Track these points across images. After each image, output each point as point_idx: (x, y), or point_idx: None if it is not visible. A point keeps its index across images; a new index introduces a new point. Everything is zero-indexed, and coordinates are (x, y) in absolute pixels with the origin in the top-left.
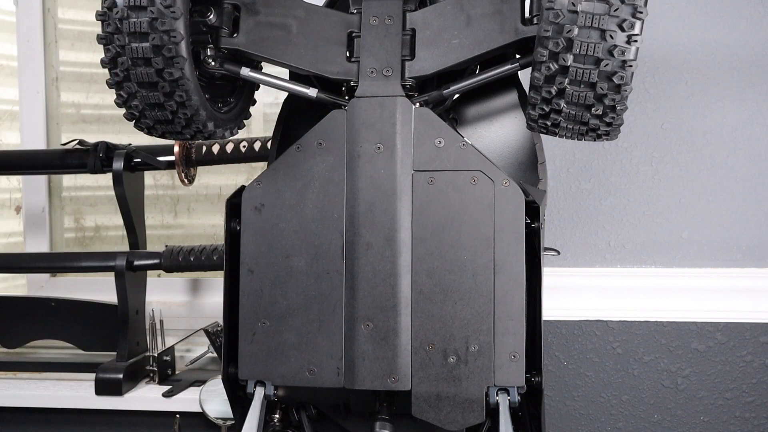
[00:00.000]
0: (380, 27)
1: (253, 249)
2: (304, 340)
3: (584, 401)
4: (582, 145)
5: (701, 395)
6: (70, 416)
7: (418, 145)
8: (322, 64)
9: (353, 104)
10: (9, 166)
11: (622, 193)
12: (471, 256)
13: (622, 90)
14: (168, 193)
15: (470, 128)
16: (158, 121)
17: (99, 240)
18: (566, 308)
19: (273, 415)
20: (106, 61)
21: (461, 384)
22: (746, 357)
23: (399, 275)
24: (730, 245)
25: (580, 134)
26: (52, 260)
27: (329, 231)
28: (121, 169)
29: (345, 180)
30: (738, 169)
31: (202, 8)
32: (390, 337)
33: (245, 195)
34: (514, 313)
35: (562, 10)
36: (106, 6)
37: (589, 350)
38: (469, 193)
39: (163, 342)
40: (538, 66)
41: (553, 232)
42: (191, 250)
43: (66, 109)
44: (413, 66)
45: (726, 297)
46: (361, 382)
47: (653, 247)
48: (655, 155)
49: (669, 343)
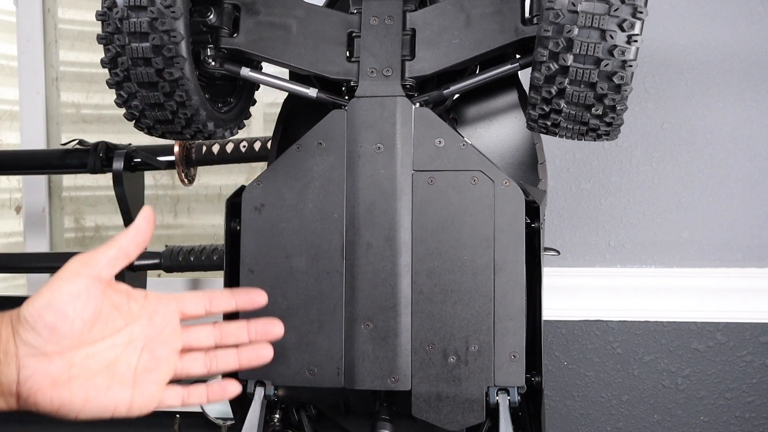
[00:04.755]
0: (380, 27)
1: (253, 249)
2: (304, 340)
3: (584, 401)
4: (582, 145)
5: (701, 395)
6: None
7: (418, 145)
8: (322, 64)
9: (353, 104)
10: (9, 166)
11: (622, 193)
12: (471, 256)
13: (622, 90)
14: (168, 193)
15: (470, 128)
16: (158, 121)
17: (99, 240)
18: (566, 308)
19: (273, 415)
20: (106, 61)
21: (461, 384)
22: (746, 357)
23: (399, 275)
24: (730, 245)
25: (580, 134)
26: (52, 260)
27: (329, 231)
28: (121, 169)
29: (345, 180)
30: (738, 169)
31: (202, 8)
32: (390, 337)
33: (245, 195)
34: (514, 313)
35: (562, 10)
36: (106, 6)
37: (589, 350)
38: (469, 193)
39: None
40: (538, 66)
41: (553, 232)
42: (191, 250)
43: (66, 109)
44: (413, 66)
45: (726, 297)
46: (361, 382)
47: (653, 247)
48: (655, 155)
49: (669, 343)
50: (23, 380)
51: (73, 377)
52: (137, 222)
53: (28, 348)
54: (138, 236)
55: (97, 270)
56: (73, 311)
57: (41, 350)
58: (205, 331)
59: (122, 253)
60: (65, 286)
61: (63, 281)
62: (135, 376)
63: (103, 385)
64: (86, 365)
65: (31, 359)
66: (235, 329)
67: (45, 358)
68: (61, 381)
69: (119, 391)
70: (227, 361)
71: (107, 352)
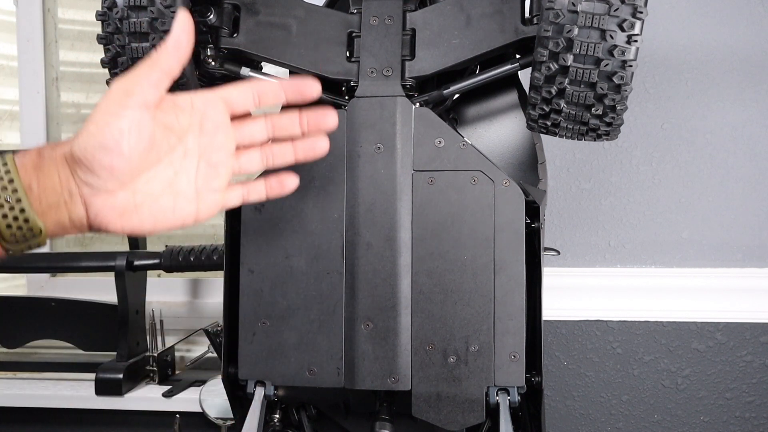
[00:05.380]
0: (380, 27)
1: (253, 249)
2: (304, 340)
3: (584, 401)
4: (582, 145)
5: (701, 395)
6: (70, 416)
7: (418, 145)
8: (322, 64)
9: (353, 104)
10: None
11: (622, 193)
12: (471, 256)
13: (622, 90)
14: None
15: (470, 128)
16: None
17: (99, 240)
18: (566, 308)
19: (273, 415)
20: (106, 61)
21: (461, 384)
22: (746, 357)
23: (399, 275)
24: (730, 245)
25: (580, 134)
26: (52, 260)
27: (329, 231)
28: None
29: (345, 180)
30: (738, 169)
31: (202, 8)
32: (390, 337)
33: None
34: (514, 313)
35: (562, 10)
36: (106, 6)
37: (589, 350)
38: (469, 193)
39: (163, 342)
40: (538, 66)
41: (553, 232)
42: (191, 250)
43: (66, 109)
44: (413, 66)
45: (726, 297)
46: (361, 382)
47: (653, 247)
48: (655, 155)
49: (669, 343)
50: (93, 216)
51: (139, 204)
52: (175, 32)
53: (90, 188)
54: (178, 50)
55: (143, 97)
56: (128, 147)
57: (103, 188)
58: (258, 125)
59: (165, 74)
60: (114, 122)
61: (110, 116)
62: (197, 188)
63: (169, 204)
64: (149, 190)
65: (96, 197)
66: (287, 122)
67: (108, 194)
68: (129, 210)
69: (185, 206)
70: (284, 155)
71: (166, 171)
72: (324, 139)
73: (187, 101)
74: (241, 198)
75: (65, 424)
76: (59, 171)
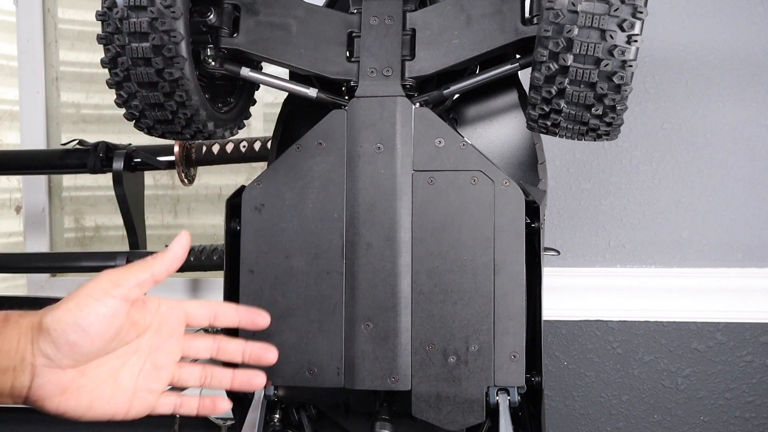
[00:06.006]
0: (380, 27)
1: (253, 249)
2: (304, 340)
3: (584, 401)
4: (582, 145)
5: (701, 395)
6: None
7: (418, 145)
8: (322, 64)
9: (353, 104)
10: (9, 166)
11: (622, 193)
12: (471, 256)
13: (622, 90)
14: (168, 193)
15: (470, 128)
16: (158, 121)
17: (99, 240)
18: (566, 308)
19: (273, 415)
20: (106, 61)
21: (461, 384)
22: (746, 357)
23: (399, 275)
24: (730, 245)
25: (580, 134)
26: (52, 260)
27: (329, 231)
28: (121, 169)
29: (345, 180)
30: (738, 169)
31: (202, 8)
32: (390, 337)
33: (245, 195)
34: (514, 313)
35: (562, 10)
36: (106, 6)
37: (589, 350)
38: (469, 193)
39: None
40: (538, 66)
41: (553, 232)
42: (191, 250)
43: (66, 109)
44: (413, 66)
45: (726, 297)
46: (361, 382)
47: (653, 247)
48: (655, 155)
49: (669, 343)
50: (35, 387)
51: (82, 386)
52: (173, 248)
53: (46, 359)
54: (172, 264)
55: (127, 291)
56: (97, 331)
57: (58, 363)
58: (206, 343)
59: (152, 278)
60: (94, 306)
61: (92, 299)
62: (135, 385)
63: (107, 393)
64: (95, 375)
65: (46, 369)
66: (233, 348)
67: (60, 370)
68: (71, 390)
69: (120, 400)
70: (221, 380)
71: (115, 362)
72: (261, 375)
73: (155, 304)
74: (172, 408)
75: (65, 423)
76: (20, 337)
